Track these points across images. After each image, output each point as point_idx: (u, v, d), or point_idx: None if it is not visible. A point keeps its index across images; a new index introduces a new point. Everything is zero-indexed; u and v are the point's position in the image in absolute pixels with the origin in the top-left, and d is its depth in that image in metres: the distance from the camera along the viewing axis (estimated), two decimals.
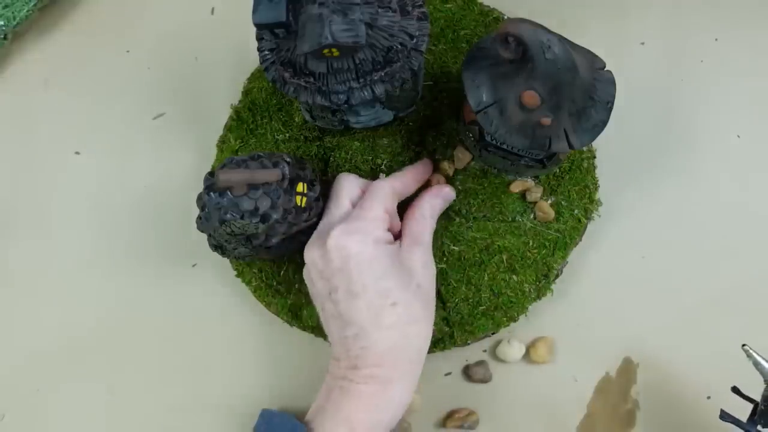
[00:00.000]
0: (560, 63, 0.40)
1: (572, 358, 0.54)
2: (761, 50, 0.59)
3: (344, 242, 0.45)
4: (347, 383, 0.44)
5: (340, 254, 0.45)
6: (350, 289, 0.44)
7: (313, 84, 0.45)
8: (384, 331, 0.44)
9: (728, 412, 0.45)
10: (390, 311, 0.44)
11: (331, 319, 0.46)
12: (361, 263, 0.44)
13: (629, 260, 0.55)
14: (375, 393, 0.44)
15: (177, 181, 0.59)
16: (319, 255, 0.46)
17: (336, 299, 0.45)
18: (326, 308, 0.46)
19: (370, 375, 0.44)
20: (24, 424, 0.56)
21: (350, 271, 0.44)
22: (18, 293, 0.59)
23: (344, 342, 0.45)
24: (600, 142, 0.47)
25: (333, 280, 0.45)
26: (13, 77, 0.63)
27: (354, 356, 0.44)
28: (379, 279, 0.44)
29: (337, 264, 0.45)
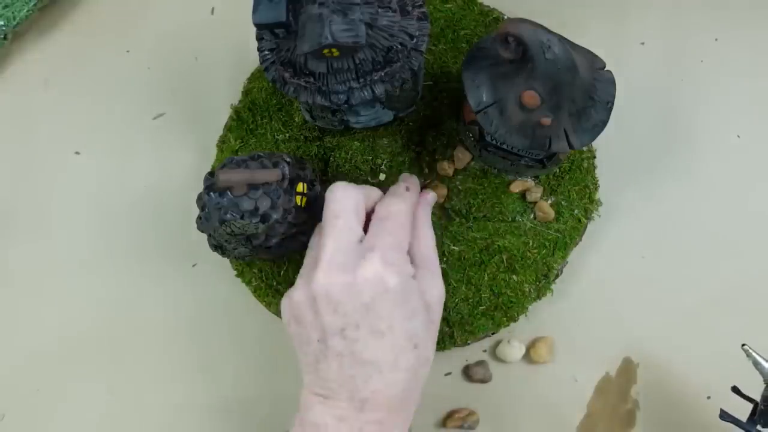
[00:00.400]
0: (560, 63, 0.40)
1: (572, 358, 0.54)
2: (761, 50, 0.59)
3: (382, 274, 0.40)
4: (348, 430, 0.41)
5: (374, 288, 0.40)
6: (375, 327, 0.40)
7: (313, 84, 0.45)
8: (400, 374, 0.41)
9: (728, 411, 0.45)
10: (411, 353, 0.41)
11: (334, 357, 0.41)
12: (394, 301, 0.40)
13: (629, 260, 0.55)
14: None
15: (177, 181, 0.59)
16: (340, 285, 0.40)
17: (353, 337, 0.40)
18: (331, 344, 0.41)
19: (377, 421, 0.41)
20: (24, 424, 0.56)
21: (380, 308, 0.40)
22: (18, 293, 0.58)
23: (350, 382, 0.41)
24: (600, 142, 0.47)
25: (353, 315, 0.40)
26: (13, 77, 0.63)
27: (361, 399, 0.41)
28: (408, 319, 0.41)
29: (366, 299, 0.40)
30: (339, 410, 0.41)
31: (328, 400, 0.41)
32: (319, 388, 0.42)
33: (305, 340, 0.42)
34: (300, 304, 0.42)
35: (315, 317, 0.41)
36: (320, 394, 0.42)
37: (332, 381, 0.41)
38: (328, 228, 0.42)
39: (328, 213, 0.43)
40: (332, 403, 0.41)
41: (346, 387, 0.41)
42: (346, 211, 0.43)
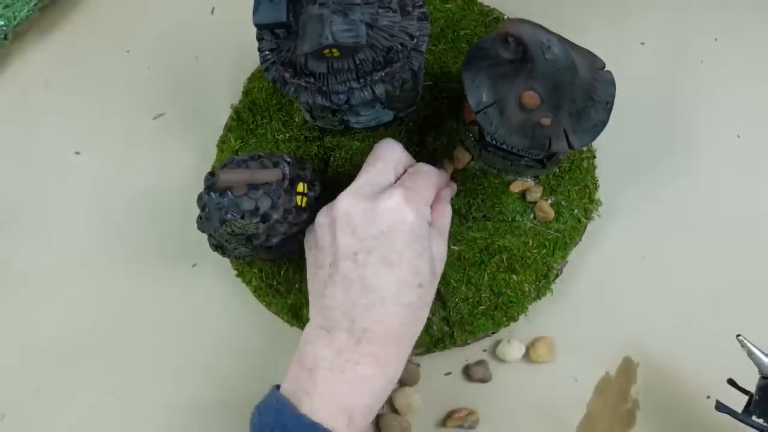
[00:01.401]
0: (560, 63, 0.40)
1: (572, 358, 0.54)
2: (761, 50, 0.59)
3: (403, 207, 0.42)
4: (344, 363, 0.42)
5: (393, 218, 0.42)
6: (387, 256, 0.42)
7: (313, 84, 0.45)
8: (401, 308, 0.42)
9: (724, 403, 0.45)
10: (414, 290, 0.43)
11: (342, 281, 0.42)
12: (409, 235, 0.42)
13: (629, 260, 0.55)
14: (374, 377, 0.42)
15: (177, 181, 0.59)
16: (361, 209, 0.42)
17: (363, 261, 0.42)
18: (342, 268, 0.42)
19: (373, 354, 0.42)
20: (24, 424, 0.56)
21: (395, 238, 0.42)
22: (18, 293, 0.59)
23: (351, 310, 0.42)
24: (600, 142, 0.47)
25: (370, 241, 0.42)
26: (13, 77, 0.63)
27: (360, 328, 0.42)
28: (417, 257, 0.43)
29: (383, 226, 0.42)
30: (338, 343, 0.42)
31: (330, 333, 0.43)
32: (322, 318, 0.43)
33: (319, 264, 0.44)
34: (322, 226, 0.44)
35: (332, 239, 0.43)
36: (322, 326, 0.43)
37: (335, 308, 0.43)
38: (366, 165, 0.46)
39: (371, 156, 0.47)
40: (333, 336, 0.42)
41: (347, 315, 0.42)
42: (387, 159, 0.46)
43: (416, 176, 0.46)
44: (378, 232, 0.42)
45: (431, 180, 0.47)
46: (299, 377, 0.43)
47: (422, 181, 0.46)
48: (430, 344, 0.53)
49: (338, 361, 0.42)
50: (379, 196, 0.43)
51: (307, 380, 0.42)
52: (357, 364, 0.42)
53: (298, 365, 0.44)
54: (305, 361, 0.43)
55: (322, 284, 0.44)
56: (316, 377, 0.42)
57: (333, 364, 0.42)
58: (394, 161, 0.46)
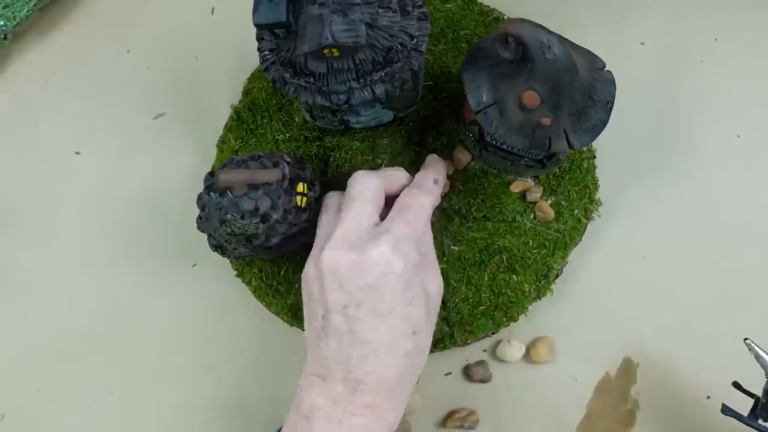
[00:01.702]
0: (560, 63, 0.40)
1: (572, 358, 0.54)
2: (761, 50, 0.59)
3: (389, 257, 0.41)
4: (340, 414, 0.41)
5: (380, 269, 0.41)
6: (376, 309, 0.41)
7: (313, 84, 0.45)
8: (395, 358, 0.41)
9: (730, 406, 0.45)
10: (409, 339, 0.42)
11: (334, 333, 0.42)
12: (399, 285, 0.41)
13: (629, 260, 0.55)
14: (370, 426, 0.42)
15: (177, 181, 0.59)
16: (348, 262, 0.41)
17: (353, 315, 0.41)
18: (332, 321, 0.42)
19: (368, 405, 0.41)
20: (24, 424, 0.56)
21: (383, 290, 0.41)
22: (18, 293, 0.59)
23: (346, 361, 0.41)
24: (600, 142, 0.47)
25: (357, 294, 0.41)
26: (13, 77, 0.63)
27: (354, 380, 0.41)
28: (409, 304, 0.41)
29: (371, 278, 0.41)
30: (333, 393, 0.41)
31: (325, 382, 0.42)
32: (318, 367, 0.42)
33: (312, 316, 0.43)
34: (309, 279, 0.44)
35: (321, 292, 0.42)
36: (318, 374, 0.42)
37: (330, 359, 0.42)
38: (345, 208, 0.44)
39: (347, 196, 0.45)
40: (328, 386, 0.42)
41: (342, 366, 0.41)
42: (364, 198, 0.44)
43: (405, 212, 0.44)
44: (366, 285, 0.41)
45: (424, 213, 0.45)
46: (296, 425, 0.42)
47: (413, 218, 0.44)
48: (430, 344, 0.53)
49: (334, 411, 0.41)
50: (365, 246, 0.42)
51: (304, 428, 0.42)
52: (352, 415, 0.41)
53: (295, 413, 0.43)
54: (302, 409, 0.42)
55: (316, 335, 0.43)
56: (312, 426, 0.41)
57: (329, 414, 0.41)
58: (371, 196, 0.44)
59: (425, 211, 0.45)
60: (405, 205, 0.45)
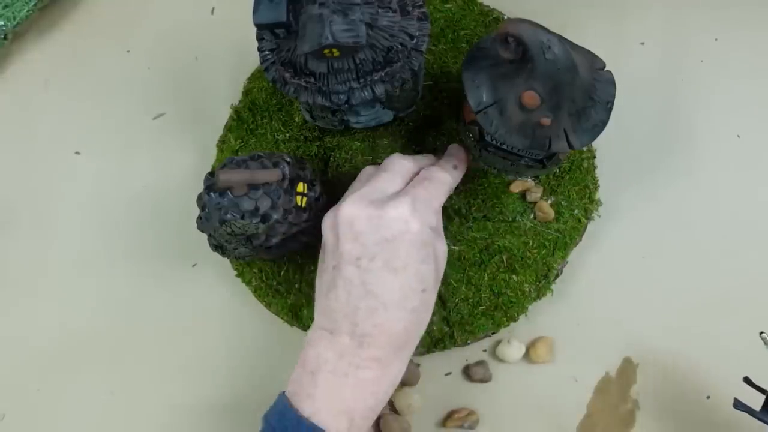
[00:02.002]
0: (560, 63, 0.40)
1: (572, 358, 0.54)
2: (761, 50, 0.59)
3: (408, 216, 0.42)
4: (346, 367, 0.42)
5: (399, 227, 0.42)
6: (391, 263, 0.42)
7: (313, 84, 0.45)
8: (404, 313, 0.42)
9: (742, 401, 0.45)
10: (418, 296, 0.43)
11: (344, 284, 0.42)
12: (414, 243, 0.42)
13: (629, 260, 0.55)
14: (376, 380, 0.42)
15: (177, 181, 0.59)
16: (366, 216, 0.42)
17: (366, 267, 0.42)
18: (344, 272, 0.42)
19: (375, 358, 0.42)
20: (24, 424, 0.56)
21: (399, 246, 0.42)
22: (18, 293, 0.59)
23: (353, 313, 0.42)
24: (600, 142, 0.47)
25: (372, 247, 0.42)
26: (13, 77, 0.63)
27: (361, 333, 0.42)
28: (422, 262, 0.42)
29: (388, 234, 0.42)
30: (340, 346, 0.42)
31: (332, 335, 0.43)
32: (326, 320, 0.43)
33: (324, 267, 0.44)
34: (326, 229, 0.44)
35: (336, 243, 0.43)
36: (326, 327, 0.43)
37: (338, 311, 0.43)
38: (374, 177, 0.46)
39: (380, 168, 0.47)
40: (335, 339, 0.42)
41: (349, 318, 0.42)
42: (393, 170, 0.46)
43: (428, 183, 0.45)
44: (382, 239, 0.42)
45: (443, 187, 0.46)
46: (301, 380, 0.43)
47: (433, 188, 0.45)
48: (430, 344, 0.53)
49: (340, 364, 0.42)
50: (385, 203, 0.43)
51: (309, 383, 0.42)
52: (358, 368, 0.42)
53: (301, 367, 0.44)
54: (308, 364, 0.43)
55: (326, 286, 0.44)
56: (317, 380, 0.42)
57: (335, 367, 0.42)
58: (402, 171, 0.46)
59: (444, 186, 0.46)
60: (426, 177, 0.46)
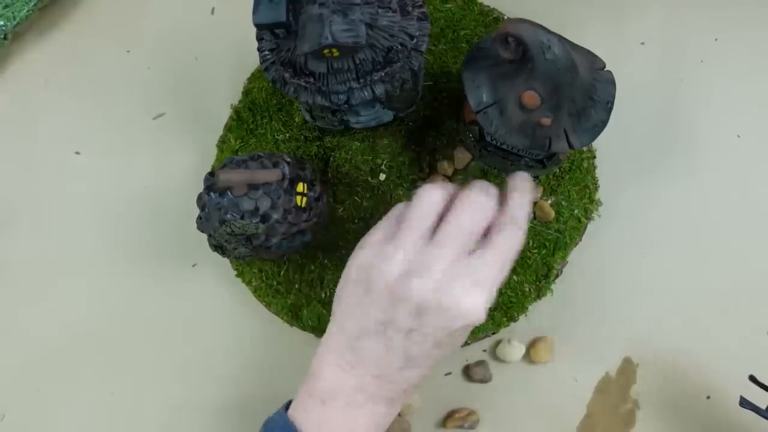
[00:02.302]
0: (560, 63, 0.40)
1: (572, 358, 0.54)
2: (761, 50, 0.59)
3: (481, 312, 0.39)
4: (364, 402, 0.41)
5: (465, 323, 0.39)
6: (441, 342, 0.40)
7: (313, 84, 0.45)
8: (429, 370, 0.42)
9: (748, 399, 0.45)
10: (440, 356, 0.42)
11: (387, 343, 0.40)
12: (469, 330, 0.41)
13: (629, 260, 0.55)
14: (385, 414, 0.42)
15: (177, 181, 0.59)
16: (437, 302, 0.39)
17: (416, 341, 0.40)
18: (389, 334, 0.40)
19: (391, 400, 0.42)
20: (24, 424, 0.56)
21: (457, 335, 0.40)
22: (18, 293, 0.58)
23: (388, 366, 0.41)
24: (600, 142, 0.47)
25: (430, 329, 0.39)
26: (13, 77, 0.63)
27: (388, 380, 0.41)
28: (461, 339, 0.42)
29: (454, 326, 0.39)
30: (361, 381, 0.41)
31: (354, 369, 0.41)
32: (350, 353, 0.41)
33: (362, 309, 0.41)
34: (386, 284, 0.40)
35: (391, 306, 0.40)
36: (348, 360, 0.41)
37: (370, 359, 0.41)
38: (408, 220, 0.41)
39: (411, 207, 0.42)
40: (357, 373, 0.41)
41: (381, 368, 0.41)
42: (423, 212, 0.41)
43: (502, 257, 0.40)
44: (445, 328, 0.39)
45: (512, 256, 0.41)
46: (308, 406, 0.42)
47: (505, 264, 0.41)
48: None
49: (356, 397, 0.41)
50: (465, 290, 0.39)
51: (319, 412, 0.41)
52: (376, 405, 0.42)
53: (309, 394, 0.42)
54: (317, 392, 0.42)
55: (359, 331, 0.41)
56: (329, 410, 0.41)
57: (351, 400, 0.41)
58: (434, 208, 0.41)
59: (514, 254, 0.41)
60: (502, 249, 0.40)
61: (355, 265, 0.42)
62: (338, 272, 0.54)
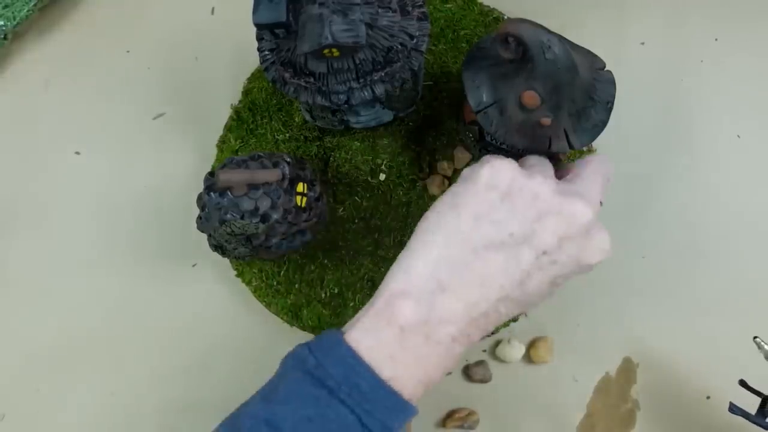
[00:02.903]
0: (560, 63, 0.40)
1: (572, 358, 0.54)
2: (761, 50, 0.59)
3: (608, 247, 0.40)
4: (443, 336, 0.36)
5: (596, 255, 0.39)
6: (556, 280, 0.38)
7: (313, 84, 0.45)
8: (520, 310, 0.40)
9: (737, 405, 0.45)
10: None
11: (508, 260, 0.37)
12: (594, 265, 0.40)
13: (629, 260, 0.55)
14: (456, 357, 0.38)
15: (177, 181, 0.59)
16: (591, 214, 0.38)
17: (540, 266, 0.37)
18: (521, 251, 0.37)
19: (470, 339, 0.38)
20: (24, 424, 0.56)
21: (576, 267, 0.39)
22: (18, 293, 0.58)
23: (490, 292, 0.37)
24: (600, 142, 0.47)
25: (565, 257, 0.38)
26: (13, 77, 0.63)
27: (481, 312, 0.37)
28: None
29: (585, 257, 0.38)
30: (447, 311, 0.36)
31: (444, 293, 0.37)
32: (445, 270, 0.37)
33: (492, 222, 0.37)
34: (539, 194, 0.38)
35: (537, 221, 0.37)
36: (439, 280, 0.37)
37: (473, 278, 0.37)
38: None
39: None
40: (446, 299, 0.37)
41: (480, 293, 0.37)
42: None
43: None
44: (576, 258, 0.38)
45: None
46: (382, 333, 0.36)
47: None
48: None
49: (438, 329, 0.36)
50: (603, 233, 0.40)
51: (395, 342, 0.36)
52: (454, 341, 0.37)
53: (381, 318, 0.36)
54: (396, 317, 0.36)
55: (476, 242, 0.37)
56: (407, 342, 0.36)
57: (432, 331, 0.36)
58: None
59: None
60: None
61: (486, 171, 0.38)
62: (338, 272, 0.54)
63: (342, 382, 0.35)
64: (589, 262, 0.39)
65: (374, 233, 0.54)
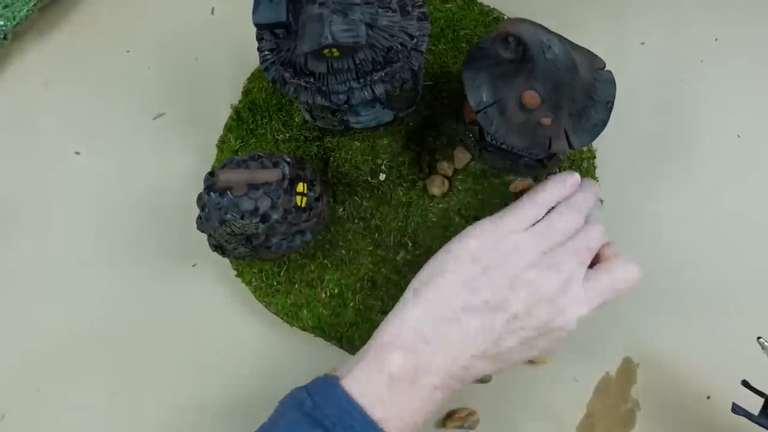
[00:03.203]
0: (560, 63, 0.40)
1: (572, 358, 0.54)
2: (761, 50, 0.59)
3: (584, 312, 0.44)
4: (430, 382, 0.41)
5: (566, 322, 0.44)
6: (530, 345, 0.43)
7: (313, 84, 0.45)
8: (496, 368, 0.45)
9: (740, 405, 0.45)
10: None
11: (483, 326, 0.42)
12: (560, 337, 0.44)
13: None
14: (440, 402, 0.42)
15: (177, 181, 0.59)
16: (556, 287, 0.43)
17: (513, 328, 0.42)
18: (491, 318, 0.42)
19: (454, 389, 0.43)
20: (24, 424, 0.56)
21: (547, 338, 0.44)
22: (18, 293, 0.58)
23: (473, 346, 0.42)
24: (600, 142, 0.47)
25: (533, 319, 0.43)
26: (13, 77, 0.63)
27: (462, 366, 0.42)
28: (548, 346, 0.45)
29: (555, 325, 0.43)
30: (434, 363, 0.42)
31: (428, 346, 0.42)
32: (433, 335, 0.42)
33: (474, 288, 0.42)
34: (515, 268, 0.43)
35: (510, 290, 0.42)
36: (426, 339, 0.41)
37: (456, 340, 0.42)
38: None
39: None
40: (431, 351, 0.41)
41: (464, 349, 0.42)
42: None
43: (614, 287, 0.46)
44: (545, 326, 0.43)
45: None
46: (374, 380, 0.41)
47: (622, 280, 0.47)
48: None
49: (422, 378, 0.41)
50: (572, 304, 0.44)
51: (385, 388, 0.41)
52: (436, 389, 0.41)
53: (376, 365, 0.41)
54: (386, 366, 0.41)
55: (456, 305, 0.42)
56: (395, 387, 0.41)
57: (417, 378, 0.41)
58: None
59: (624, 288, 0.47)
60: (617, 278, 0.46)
61: (474, 243, 0.44)
62: (338, 272, 0.54)
63: (337, 422, 0.39)
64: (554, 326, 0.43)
65: (374, 233, 0.54)
